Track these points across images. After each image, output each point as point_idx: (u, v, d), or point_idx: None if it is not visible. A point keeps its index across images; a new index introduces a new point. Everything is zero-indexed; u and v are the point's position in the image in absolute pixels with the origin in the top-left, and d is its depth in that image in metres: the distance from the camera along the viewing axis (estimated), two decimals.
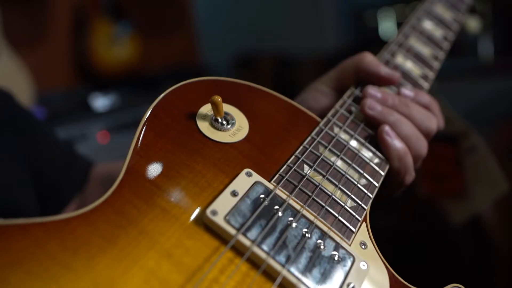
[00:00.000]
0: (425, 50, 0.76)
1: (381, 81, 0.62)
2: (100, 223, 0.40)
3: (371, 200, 0.52)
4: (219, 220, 0.42)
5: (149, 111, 0.49)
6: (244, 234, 0.42)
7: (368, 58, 0.63)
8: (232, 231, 0.42)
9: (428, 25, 0.82)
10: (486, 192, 1.22)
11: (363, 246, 0.48)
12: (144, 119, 0.48)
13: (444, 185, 1.28)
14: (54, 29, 2.29)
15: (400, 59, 0.71)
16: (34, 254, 0.36)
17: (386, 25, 2.57)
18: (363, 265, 0.46)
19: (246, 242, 0.42)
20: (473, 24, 1.12)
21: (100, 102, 1.99)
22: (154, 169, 0.45)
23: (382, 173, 0.55)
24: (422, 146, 0.59)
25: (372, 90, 0.60)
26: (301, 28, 2.85)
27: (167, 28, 2.71)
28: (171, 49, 2.68)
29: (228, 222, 0.42)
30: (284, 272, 0.41)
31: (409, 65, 0.71)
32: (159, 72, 2.42)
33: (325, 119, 0.57)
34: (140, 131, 0.47)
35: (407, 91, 0.63)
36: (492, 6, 1.37)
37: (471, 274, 1.69)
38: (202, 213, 0.43)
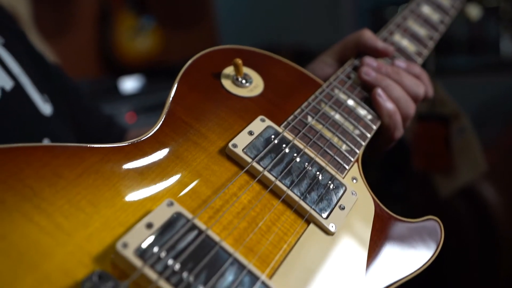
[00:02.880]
0: (421, 31, 0.87)
1: (378, 54, 0.74)
2: (147, 149, 0.52)
3: (362, 147, 0.64)
4: (239, 151, 0.54)
5: (183, 70, 0.61)
6: (258, 162, 0.54)
7: (367, 34, 0.74)
8: (248, 159, 0.54)
9: (426, 9, 0.92)
10: (469, 171, 1.33)
11: (354, 180, 0.60)
12: (179, 75, 0.60)
13: (434, 161, 1.38)
14: (81, 21, 2.41)
15: (397, 37, 0.82)
16: (101, 169, 0.48)
17: None
18: (353, 193, 0.57)
19: (259, 168, 0.54)
20: (474, 11, 1.21)
21: (128, 85, 2.12)
22: (188, 113, 0.57)
23: (374, 127, 0.66)
24: (410, 108, 0.70)
25: (369, 59, 0.71)
26: (320, 23, 2.92)
27: (188, 22, 2.81)
28: (192, 41, 2.78)
29: (245, 153, 0.54)
30: (288, 192, 0.53)
31: (405, 43, 0.82)
32: (180, 63, 2.52)
33: (327, 82, 0.69)
34: (176, 85, 0.59)
35: (400, 62, 0.74)
36: None
37: (476, 261, 1.76)
38: (225, 146, 0.55)
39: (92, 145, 0.50)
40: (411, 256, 0.56)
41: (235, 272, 0.45)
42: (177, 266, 0.43)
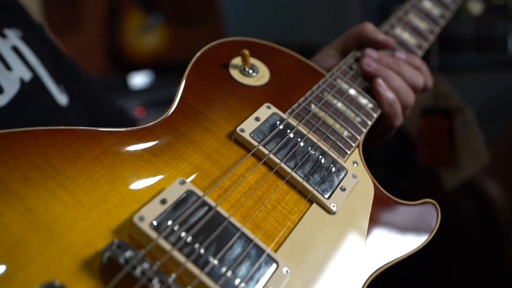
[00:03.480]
0: (422, 25, 0.90)
1: (379, 46, 0.77)
2: (160, 133, 0.56)
3: (363, 133, 0.67)
4: (246, 135, 0.58)
5: (194, 60, 0.65)
6: (264, 146, 0.58)
7: (369, 27, 0.77)
8: (255, 143, 0.57)
9: (427, 4, 0.95)
10: (472, 163, 1.36)
11: (355, 164, 0.63)
12: (190, 66, 0.64)
13: (438, 154, 1.41)
14: (90, 19, 2.44)
15: (398, 31, 0.85)
16: (117, 151, 0.52)
17: None
18: (354, 176, 0.61)
19: (265, 151, 0.57)
20: (476, 7, 1.24)
21: (136, 80, 2.17)
22: (198, 100, 0.61)
23: (375, 115, 0.70)
24: (410, 97, 0.73)
25: (370, 51, 0.74)
26: (327, 21, 2.95)
27: (196, 19, 2.84)
28: (199, 39, 2.81)
29: (252, 137, 0.58)
30: (292, 173, 0.57)
31: (406, 36, 0.85)
32: (187, 60, 2.55)
33: (330, 73, 0.72)
34: (187, 75, 0.63)
35: (401, 54, 0.77)
36: None
37: (479, 256, 1.78)
38: (233, 131, 0.59)
39: (109, 129, 0.54)
40: (408, 236, 0.60)
41: (243, 245, 0.48)
42: (189, 239, 0.46)
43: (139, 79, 2.21)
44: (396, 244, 0.58)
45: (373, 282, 0.55)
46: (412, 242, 0.59)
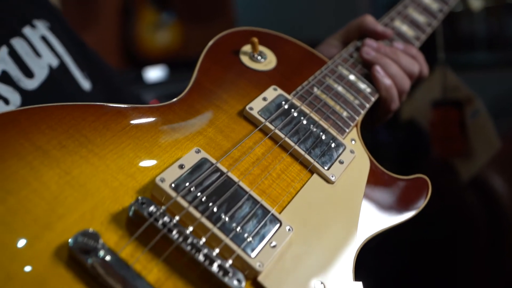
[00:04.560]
0: (420, 18, 0.96)
1: (378, 36, 0.83)
2: (178, 110, 0.63)
3: (361, 114, 0.73)
4: (254, 113, 0.65)
5: (208, 47, 0.71)
6: (270, 122, 0.64)
7: (369, 19, 0.84)
8: (262, 119, 0.64)
9: None
10: (485, 151, 1.41)
11: (353, 142, 0.70)
12: (204, 52, 0.71)
13: (451, 145, 1.46)
14: (104, 16, 2.51)
15: (397, 23, 0.91)
16: (141, 125, 0.59)
17: None
18: (351, 151, 0.67)
19: (271, 127, 0.64)
20: (476, 3, 1.30)
21: (151, 74, 2.25)
22: (212, 82, 0.68)
23: (372, 99, 0.76)
24: (405, 83, 0.80)
25: (369, 41, 0.81)
26: (337, 18, 3.00)
27: (208, 17, 2.90)
28: (211, 36, 2.87)
29: (260, 115, 0.65)
30: (295, 147, 0.63)
31: (405, 28, 0.91)
32: (199, 56, 2.61)
33: (332, 60, 0.79)
34: (202, 60, 0.70)
35: (398, 44, 0.84)
36: None
37: (485, 250, 1.82)
38: (243, 109, 0.65)
39: (133, 105, 0.61)
40: (400, 207, 0.66)
41: (250, 205, 0.55)
42: (203, 198, 0.53)
43: (153, 73, 2.28)
44: (388, 213, 0.65)
45: (378, 272, 0.61)
46: (403, 212, 0.65)
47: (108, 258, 0.46)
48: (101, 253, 0.46)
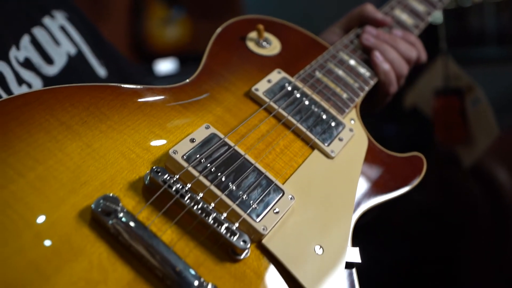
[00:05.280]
0: (420, 7, 1.00)
1: (377, 24, 0.88)
2: (189, 91, 0.68)
3: (360, 97, 0.78)
4: (260, 93, 0.70)
5: (216, 33, 0.76)
6: (274, 102, 0.69)
7: (369, 7, 0.88)
8: (267, 99, 0.69)
9: None
10: (485, 138, 1.45)
11: (352, 121, 0.74)
12: (213, 38, 0.76)
13: (453, 132, 1.50)
14: (114, 12, 2.56)
15: (397, 12, 0.96)
16: (155, 103, 0.64)
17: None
18: (350, 130, 0.72)
19: (275, 106, 0.69)
20: None
21: (161, 67, 2.30)
22: (220, 66, 0.73)
23: (371, 82, 0.81)
24: (403, 68, 0.84)
25: (369, 28, 0.86)
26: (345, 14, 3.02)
27: (217, 12, 2.94)
28: None
29: (264, 95, 0.70)
30: (297, 125, 0.68)
31: (404, 17, 0.96)
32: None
33: (333, 46, 0.84)
34: (211, 45, 0.75)
35: (397, 31, 0.88)
36: None
37: (488, 241, 1.84)
38: (249, 90, 0.70)
39: (148, 86, 0.66)
40: (396, 182, 0.71)
41: (255, 176, 0.60)
42: (213, 169, 0.58)
43: (163, 66, 2.34)
44: (384, 187, 0.69)
45: (382, 264, 0.65)
46: (399, 187, 0.70)
47: (127, 219, 0.51)
48: (121, 215, 0.51)
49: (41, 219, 0.50)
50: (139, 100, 0.64)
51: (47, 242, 0.49)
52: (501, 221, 1.79)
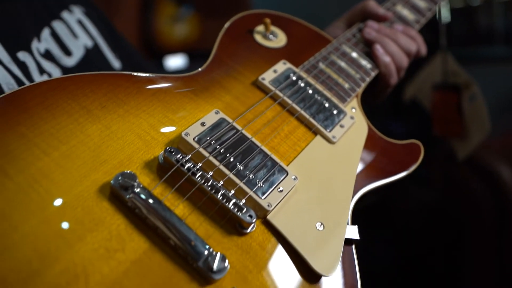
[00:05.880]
0: (421, 3, 1.04)
1: (379, 18, 0.92)
2: (200, 80, 0.73)
3: (362, 87, 0.82)
4: (266, 82, 0.74)
5: (226, 27, 0.81)
6: (280, 90, 0.74)
7: (371, 3, 0.93)
8: (273, 88, 0.74)
9: None
10: (478, 133, 1.49)
11: (353, 109, 0.79)
12: (223, 31, 0.81)
13: (449, 127, 1.54)
14: (124, 10, 2.62)
15: (399, 8, 1.00)
16: (168, 91, 0.69)
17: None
18: (351, 118, 0.76)
19: (280, 94, 0.73)
20: None
21: (171, 63, 2.36)
22: (229, 57, 0.77)
23: (372, 74, 0.85)
24: (403, 60, 0.88)
25: (371, 22, 0.90)
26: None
27: (225, 11, 2.99)
28: None
29: (270, 84, 0.74)
30: (301, 111, 0.73)
31: (406, 12, 1.00)
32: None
33: (336, 39, 0.88)
34: (221, 37, 0.79)
35: (398, 26, 0.92)
36: None
37: (491, 237, 1.87)
38: (256, 80, 0.75)
39: (162, 75, 0.71)
40: (394, 167, 0.75)
41: (261, 158, 0.65)
42: (222, 150, 0.63)
43: (173, 61, 2.39)
44: (383, 171, 0.74)
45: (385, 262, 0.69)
46: (396, 172, 0.74)
47: (143, 194, 0.56)
48: (137, 190, 0.56)
49: (65, 193, 0.55)
50: (154, 87, 0.69)
51: (71, 214, 0.53)
52: (504, 218, 1.82)
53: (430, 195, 2.08)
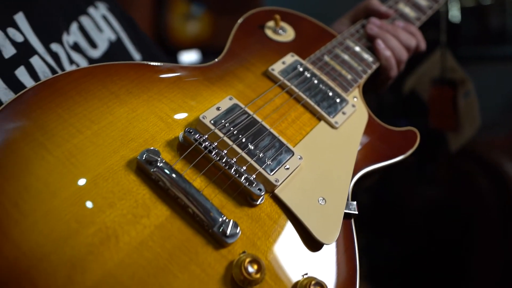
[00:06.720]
0: (422, 2, 1.11)
1: (381, 16, 0.99)
2: (215, 70, 0.80)
3: (363, 78, 0.90)
4: (275, 72, 0.82)
5: (239, 22, 0.89)
6: (288, 80, 0.81)
7: (374, 1, 1.00)
8: (281, 78, 0.81)
9: None
10: (470, 128, 1.56)
11: (355, 99, 0.86)
12: (236, 26, 0.88)
13: (444, 120, 1.61)
14: (137, 7, 2.69)
15: (401, 5, 1.07)
16: (187, 79, 0.77)
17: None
18: (353, 106, 0.84)
19: (288, 83, 0.81)
20: None
21: (185, 59, 2.43)
22: (242, 50, 0.85)
23: (374, 66, 0.92)
24: (403, 55, 0.95)
25: (373, 19, 0.97)
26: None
27: (237, 8, 3.05)
28: None
29: (279, 74, 0.82)
30: (307, 99, 0.80)
31: (407, 10, 1.07)
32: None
33: (341, 34, 0.95)
34: (235, 32, 0.87)
35: (399, 23, 0.99)
36: None
37: (496, 234, 1.91)
38: (266, 70, 0.82)
39: (181, 65, 0.79)
40: (392, 150, 0.82)
41: (270, 139, 0.72)
42: (235, 132, 0.70)
43: (186, 57, 2.47)
44: (381, 155, 0.81)
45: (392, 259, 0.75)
46: (394, 155, 0.82)
47: (165, 168, 0.63)
48: (161, 164, 0.64)
49: (98, 166, 0.62)
50: (174, 75, 0.76)
51: (103, 184, 0.61)
52: (510, 215, 1.86)
53: (436, 193, 2.13)
